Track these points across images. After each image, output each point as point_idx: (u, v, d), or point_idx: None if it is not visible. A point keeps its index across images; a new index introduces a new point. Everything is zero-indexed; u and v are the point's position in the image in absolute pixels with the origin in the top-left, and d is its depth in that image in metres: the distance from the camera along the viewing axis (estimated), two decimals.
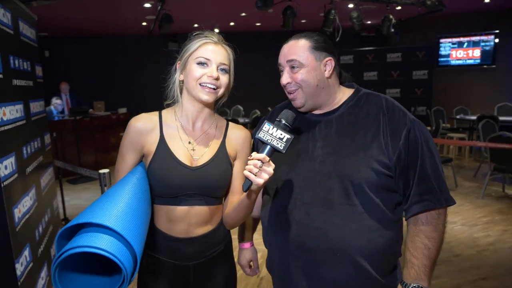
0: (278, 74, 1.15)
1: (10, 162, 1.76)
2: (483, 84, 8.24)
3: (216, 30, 1.21)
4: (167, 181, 1.11)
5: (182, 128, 1.18)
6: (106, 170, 2.24)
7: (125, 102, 8.48)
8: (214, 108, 1.23)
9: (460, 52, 8.31)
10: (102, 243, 0.85)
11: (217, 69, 1.12)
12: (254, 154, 0.97)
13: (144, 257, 1.19)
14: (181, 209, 1.14)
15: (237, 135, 1.23)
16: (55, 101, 6.36)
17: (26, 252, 1.88)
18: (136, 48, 9.37)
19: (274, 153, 0.98)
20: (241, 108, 8.63)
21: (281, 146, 0.96)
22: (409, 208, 1.07)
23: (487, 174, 4.56)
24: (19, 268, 1.74)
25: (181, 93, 1.19)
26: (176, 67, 1.18)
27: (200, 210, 1.16)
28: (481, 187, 4.74)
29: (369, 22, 8.24)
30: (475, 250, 3.20)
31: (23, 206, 1.91)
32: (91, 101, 7.36)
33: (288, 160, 1.13)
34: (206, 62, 1.11)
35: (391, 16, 6.12)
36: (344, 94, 1.18)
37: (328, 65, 1.12)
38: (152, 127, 1.15)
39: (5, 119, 1.76)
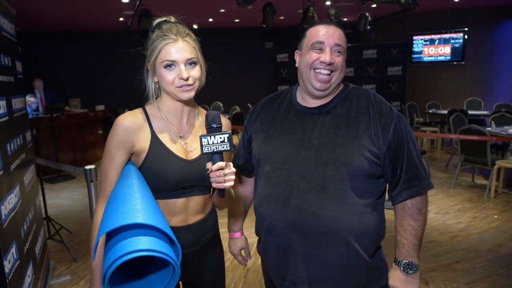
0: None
1: None
2: (453, 79, 8.62)
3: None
4: (165, 176, 1.12)
5: (169, 123, 1.18)
6: (92, 166, 2.24)
7: (101, 99, 8.31)
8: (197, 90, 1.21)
9: (431, 49, 8.63)
10: (142, 244, 0.88)
11: (185, 66, 1.10)
12: (212, 167, 1.03)
13: None
14: (180, 201, 1.17)
15: None
16: (29, 98, 6.15)
17: (13, 250, 1.86)
18: (112, 44, 9.18)
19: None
20: (220, 104, 8.64)
21: (227, 147, 1.02)
22: (398, 194, 1.18)
23: (458, 165, 4.81)
24: (7, 265, 1.73)
25: (159, 90, 1.18)
26: (147, 69, 1.16)
27: (197, 200, 1.21)
28: (452, 177, 4.99)
29: (345, 19, 8.42)
30: (448, 236, 3.39)
31: (9, 203, 1.89)
32: (66, 98, 7.17)
33: (285, 150, 1.20)
34: (173, 63, 1.09)
35: (367, 14, 6.29)
36: (336, 88, 1.25)
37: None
38: (141, 124, 1.14)
39: None
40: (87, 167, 2.24)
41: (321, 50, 1.17)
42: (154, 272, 1.01)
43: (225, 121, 1.29)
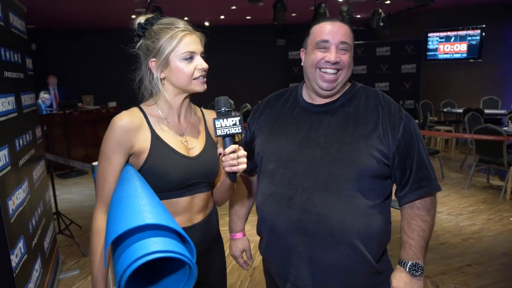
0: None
1: (3, 154, 1.76)
2: (470, 78, 8.40)
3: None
4: (170, 175, 1.09)
5: (168, 121, 1.15)
6: None
7: (113, 96, 8.40)
8: None
9: (447, 46, 8.43)
10: (156, 246, 0.84)
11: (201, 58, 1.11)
12: (225, 150, 1.04)
13: None
14: (185, 199, 1.15)
15: None
16: (43, 95, 6.28)
17: (21, 244, 1.88)
18: (124, 42, 9.26)
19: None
20: (231, 101, 8.60)
21: (239, 129, 1.04)
22: (407, 195, 1.14)
23: (473, 165, 4.68)
24: (14, 259, 1.75)
25: (158, 88, 1.14)
26: (148, 66, 1.12)
27: (201, 197, 1.19)
28: (466, 178, 4.86)
29: (358, 16, 8.30)
30: (460, 238, 3.31)
31: (17, 199, 1.91)
32: (79, 95, 7.28)
33: (290, 148, 1.17)
34: (192, 55, 1.09)
35: (380, 10, 6.18)
36: (343, 87, 1.22)
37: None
38: (139, 123, 1.10)
39: None
40: (95, 163, 2.24)
41: (326, 48, 1.13)
42: (168, 275, 0.98)
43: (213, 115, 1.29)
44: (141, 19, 1.15)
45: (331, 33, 1.12)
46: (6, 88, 1.96)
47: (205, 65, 1.10)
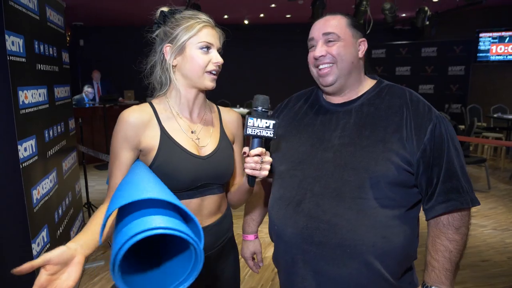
0: (308, 66, 1.11)
1: (30, 145, 1.81)
2: None
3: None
4: (179, 175, 1.04)
5: (180, 117, 1.10)
6: None
7: (152, 92, 8.64)
8: None
9: (501, 47, 7.81)
10: (156, 223, 0.77)
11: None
12: (251, 151, 0.96)
13: None
14: (194, 201, 1.09)
15: (232, 118, 1.21)
16: (87, 89, 6.59)
17: (44, 233, 1.93)
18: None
19: (266, 140, 0.98)
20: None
21: (271, 134, 0.96)
22: (432, 208, 1.01)
23: None
24: (36, 248, 1.79)
25: (169, 80, 1.10)
26: (162, 51, 1.07)
27: (212, 199, 1.12)
28: None
29: (403, 14, 7.91)
30: (506, 256, 3.00)
31: (43, 188, 1.96)
32: (122, 89, 7.54)
33: (302, 149, 1.09)
34: (209, 46, 1.04)
35: (426, 8, 5.83)
36: (366, 84, 1.12)
37: (362, 45, 1.09)
38: (148, 119, 1.05)
39: (26, 102, 1.80)
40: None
41: (315, 46, 1.09)
42: (170, 260, 0.92)
43: (237, 115, 1.23)
44: (165, 8, 1.12)
45: (315, 29, 1.09)
46: (38, 80, 2.02)
47: (220, 60, 1.05)
